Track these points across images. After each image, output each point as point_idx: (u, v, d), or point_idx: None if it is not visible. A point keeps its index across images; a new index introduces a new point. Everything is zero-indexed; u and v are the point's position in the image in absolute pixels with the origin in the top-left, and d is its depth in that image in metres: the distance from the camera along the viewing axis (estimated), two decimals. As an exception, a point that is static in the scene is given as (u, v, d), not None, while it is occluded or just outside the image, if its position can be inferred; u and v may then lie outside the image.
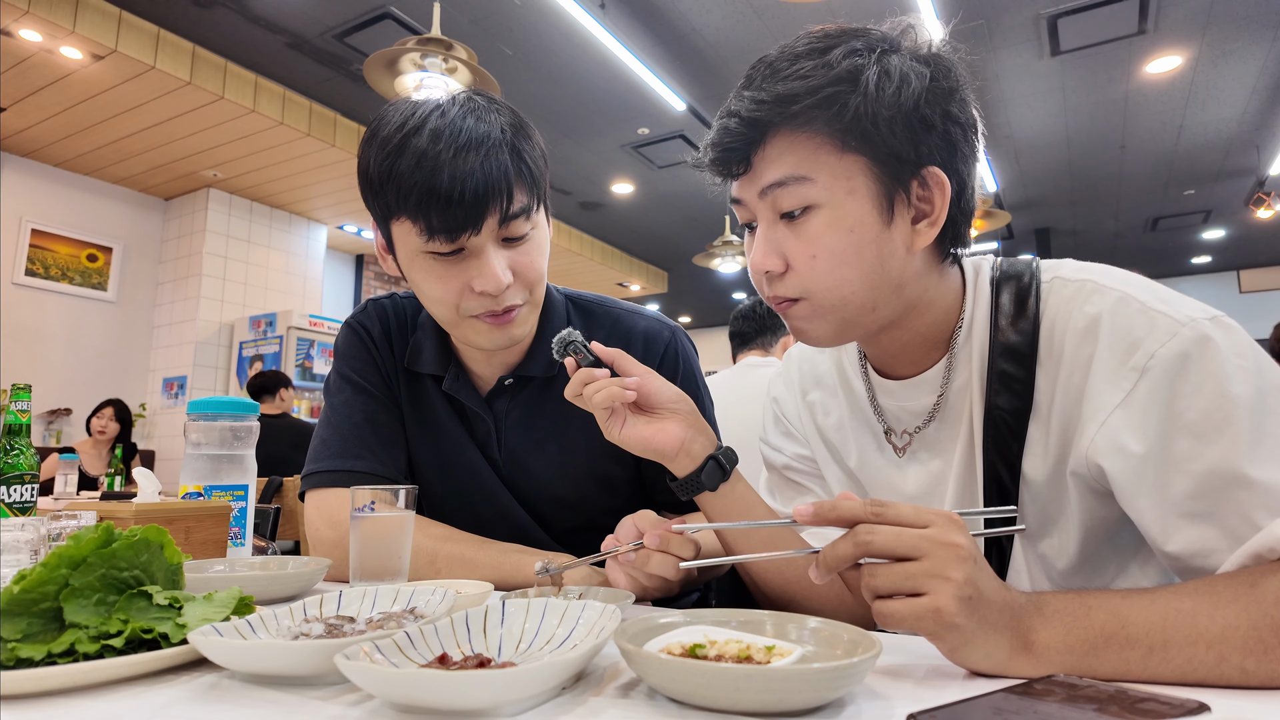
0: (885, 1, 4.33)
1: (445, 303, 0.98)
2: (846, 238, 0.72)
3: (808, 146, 0.71)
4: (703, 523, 0.80)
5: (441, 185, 0.89)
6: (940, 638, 0.54)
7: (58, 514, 0.82)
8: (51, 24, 4.03)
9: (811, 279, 0.73)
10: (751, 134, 0.73)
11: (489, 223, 0.92)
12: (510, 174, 0.93)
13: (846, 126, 0.70)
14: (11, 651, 0.52)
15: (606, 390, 0.84)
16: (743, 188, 0.76)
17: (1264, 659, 0.53)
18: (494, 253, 0.95)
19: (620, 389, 0.84)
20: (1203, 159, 6.33)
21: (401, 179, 0.91)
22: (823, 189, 0.71)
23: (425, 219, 0.91)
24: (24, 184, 5.72)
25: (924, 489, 0.84)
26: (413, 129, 0.92)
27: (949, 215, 0.74)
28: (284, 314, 6.19)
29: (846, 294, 0.73)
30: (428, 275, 0.97)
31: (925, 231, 0.74)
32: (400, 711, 0.47)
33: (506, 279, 0.95)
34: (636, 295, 9.41)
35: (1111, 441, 0.67)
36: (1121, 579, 0.78)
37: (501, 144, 0.93)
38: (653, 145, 5.98)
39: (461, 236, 0.92)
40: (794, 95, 0.70)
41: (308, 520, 1.10)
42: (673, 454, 0.86)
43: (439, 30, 3.51)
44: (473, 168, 0.90)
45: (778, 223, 0.75)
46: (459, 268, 0.95)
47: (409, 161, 0.90)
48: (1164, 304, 0.68)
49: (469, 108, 0.95)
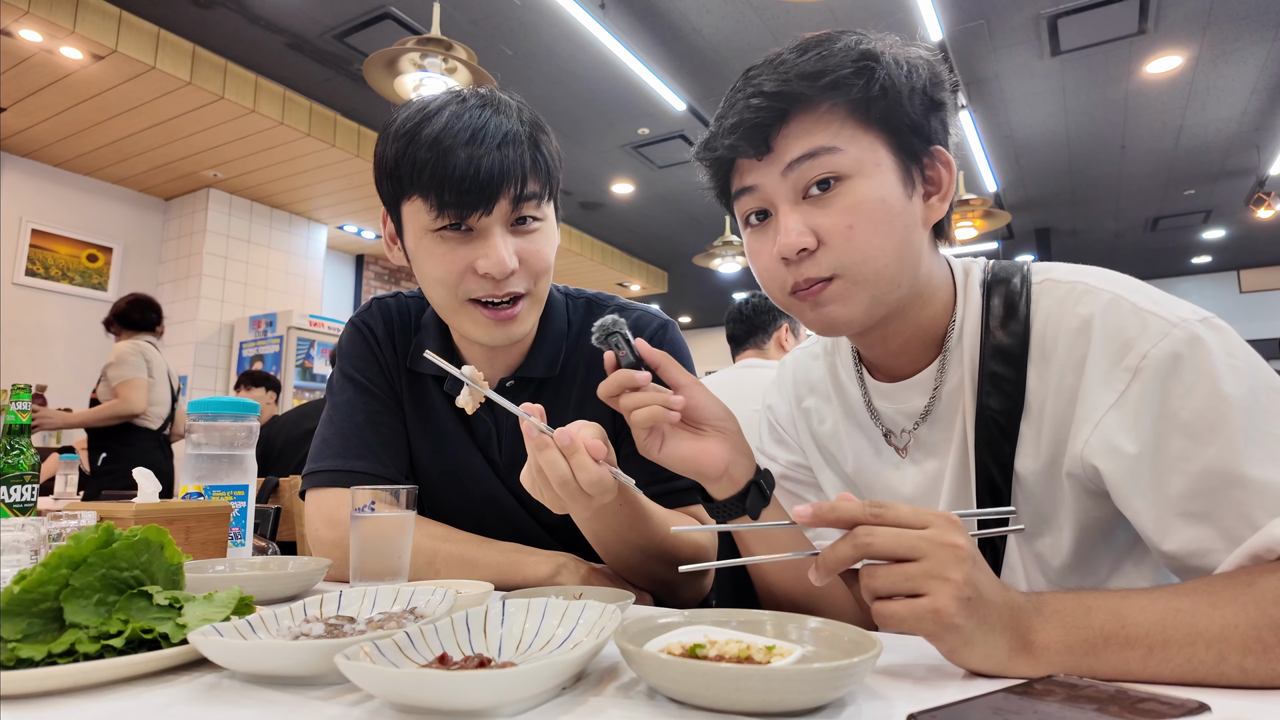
0: (885, 1, 4.33)
1: (445, 284, 0.97)
2: (881, 206, 0.72)
3: (833, 120, 0.73)
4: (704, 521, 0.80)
5: (457, 163, 0.91)
6: (940, 638, 0.54)
7: (58, 514, 0.82)
8: (51, 24, 4.03)
9: (848, 251, 0.73)
10: (778, 107, 0.73)
11: (501, 204, 0.93)
12: (526, 159, 0.94)
13: (871, 99, 0.72)
14: (12, 651, 0.52)
15: (650, 410, 0.75)
16: (759, 172, 0.76)
17: (1263, 658, 0.53)
18: (501, 235, 0.95)
19: (665, 409, 0.75)
20: (1203, 159, 6.33)
21: (417, 157, 0.93)
22: (852, 159, 0.72)
23: (438, 194, 0.92)
24: (24, 184, 5.72)
25: (921, 491, 0.84)
26: (431, 114, 0.94)
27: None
28: (284, 314, 6.18)
29: (880, 266, 0.73)
30: (431, 254, 0.97)
31: (938, 206, 0.77)
32: (400, 711, 0.47)
33: (512, 263, 0.95)
34: (636, 295, 9.41)
35: (1106, 442, 0.68)
36: (1116, 577, 0.78)
37: (520, 134, 0.95)
38: (653, 145, 5.98)
39: (472, 215, 0.93)
40: (820, 71, 0.72)
41: (308, 520, 1.09)
42: (715, 477, 0.79)
43: (439, 30, 3.51)
44: (489, 149, 0.91)
45: (802, 201, 0.74)
46: (465, 248, 0.95)
47: (425, 141, 0.92)
48: (1155, 305, 0.69)
49: (490, 102, 0.97)
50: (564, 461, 0.75)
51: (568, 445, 0.75)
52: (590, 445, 0.76)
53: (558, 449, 0.75)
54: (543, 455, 0.76)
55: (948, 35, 4.49)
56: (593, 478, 0.75)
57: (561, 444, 0.75)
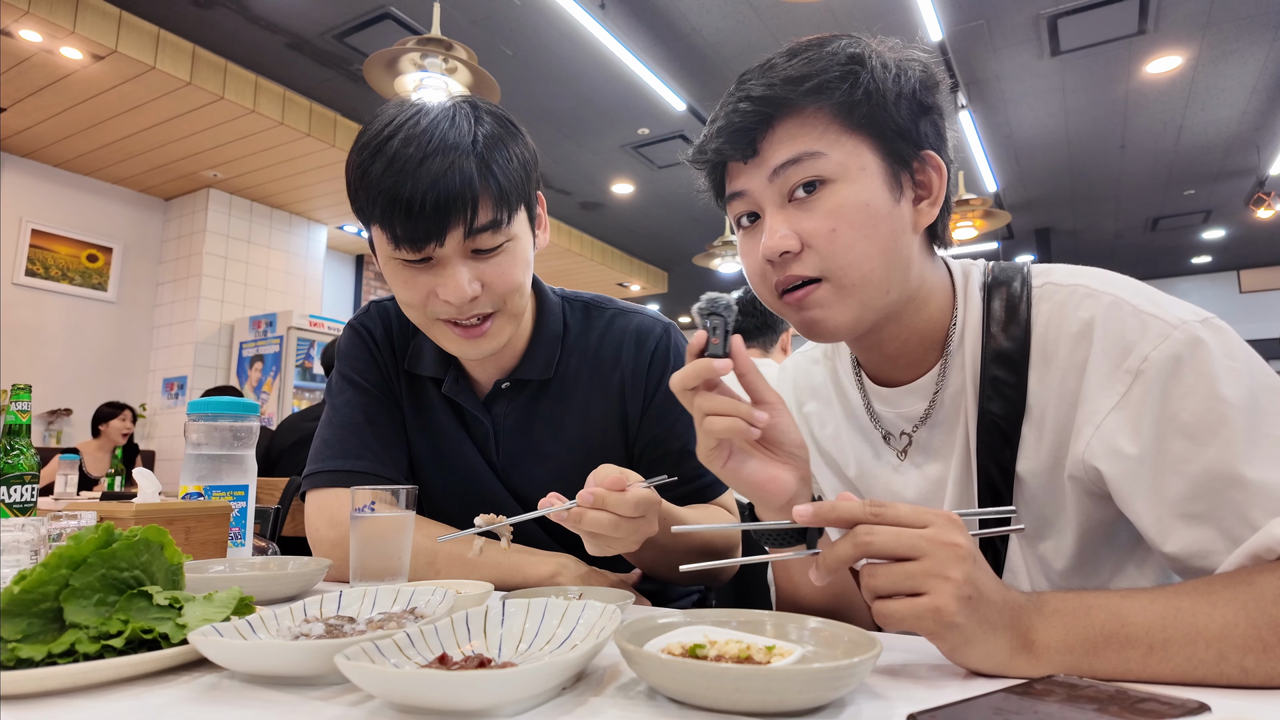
0: (885, 2, 4.34)
1: (414, 306, 0.98)
2: (864, 211, 0.72)
3: (818, 125, 0.73)
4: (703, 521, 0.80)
5: (404, 195, 0.89)
6: (940, 637, 0.54)
7: (58, 514, 0.82)
8: (51, 24, 4.03)
9: (832, 254, 0.73)
10: (763, 112, 0.74)
11: (453, 235, 0.91)
12: (475, 186, 0.90)
13: (856, 103, 0.72)
14: (12, 652, 0.52)
15: (730, 422, 0.67)
16: (748, 176, 0.76)
17: (1263, 657, 0.53)
18: (459, 265, 0.93)
19: (747, 425, 0.67)
20: (1203, 159, 6.33)
21: (370, 186, 0.91)
22: (836, 164, 0.73)
23: (390, 228, 0.91)
24: (24, 184, 5.72)
25: (923, 495, 0.84)
26: (389, 135, 0.92)
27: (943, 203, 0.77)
28: (284, 314, 6.19)
29: (866, 270, 0.73)
30: (397, 279, 0.97)
31: (927, 211, 0.77)
32: (400, 711, 0.47)
33: (471, 291, 0.94)
34: (636, 295, 9.40)
35: (1107, 444, 0.68)
36: (1119, 579, 0.78)
37: (469, 154, 0.91)
38: (653, 145, 5.98)
39: (426, 247, 0.92)
40: (805, 76, 0.72)
41: (309, 520, 1.10)
42: (777, 506, 0.73)
43: (439, 30, 3.51)
44: (435, 179, 0.88)
45: (788, 205, 0.75)
46: (425, 276, 0.95)
47: (379, 168, 0.91)
48: (1156, 307, 0.69)
49: (449, 114, 0.94)
50: (603, 513, 0.78)
51: (593, 500, 0.78)
52: (608, 483, 0.78)
53: (589, 509, 0.78)
54: (585, 522, 0.78)
55: (948, 35, 4.49)
56: (631, 502, 0.78)
57: (587, 504, 0.78)
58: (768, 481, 0.72)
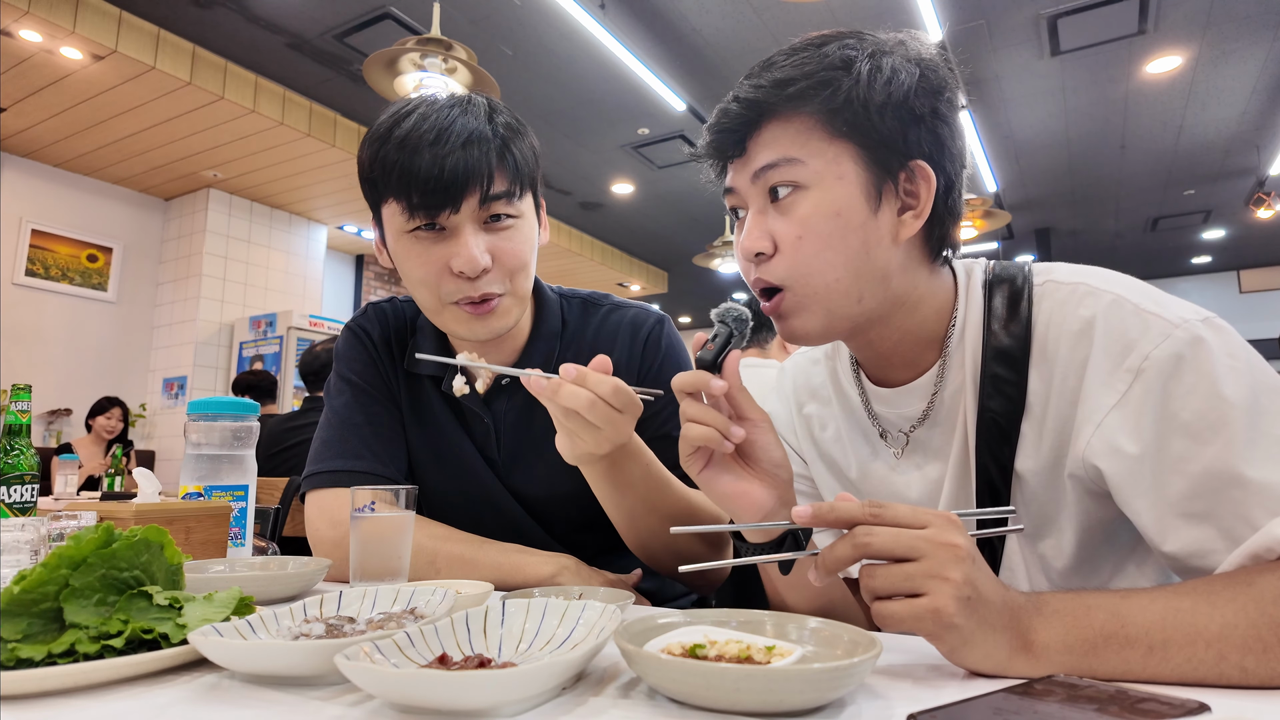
0: (885, 2, 4.34)
1: (426, 284, 1.00)
2: (833, 221, 0.72)
3: (800, 131, 0.73)
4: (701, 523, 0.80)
5: (423, 163, 0.93)
6: (939, 638, 0.54)
7: (58, 514, 0.82)
8: (51, 24, 4.03)
9: (795, 263, 0.74)
10: (749, 115, 0.74)
11: (468, 202, 0.95)
12: (492, 158, 0.96)
13: (838, 110, 0.71)
14: (12, 652, 0.52)
15: (705, 431, 0.69)
16: (737, 174, 0.78)
17: (1263, 657, 0.53)
18: (472, 233, 0.97)
19: (721, 435, 0.69)
20: (1203, 159, 6.33)
21: (387, 159, 0.95)
22: (812, 171, 0.73)
23: (407, 196, 0.94)
24: (24, 184, 5.72)
25: (923, 494, 0.84)
26: (402, 116, 0.97)
27: (936, 214, 0.75)
28: (284, 314, 6.19)
29: (831, 280, 0.73)
30: (409, 255, 0.99)
31: (910, 223, 0.75)
32: (400, 712, 0.47)
33: (484, 261, 0.97)
34: (636, 295, 9.40)
35: (1107, 443, 0.68)
36: (1119, 578, 0.78)
37: (485, 134, 0.96)
38: (653, 145, 5.98)
39: (441, 214, 0.95)
40: (790, 80, 0.72)
41: (308, 520, 1.10)
42: (747, 520, 0.73)
43: (439, 30, 3.51)
44: (453, 148, 0.93)
45: (768, 207, 0.76)
46: (439, 248, 0.97)
47: (395, 144, 0.95)
48: (1157, 306, 0.69)
49: (461, 103, 0.99)
50: (581, 389, 0.77)
51: (575, 375, 0.77)
52: (594, 365, 0.79)
53: (569, 383, 0.77)
54: (560, 396, 0.78)
55: (948, 35, 4.49)
56: (611, 386, 0.78)
57: (569, 376, 0.77)
58: (739, 495, 0.72)
